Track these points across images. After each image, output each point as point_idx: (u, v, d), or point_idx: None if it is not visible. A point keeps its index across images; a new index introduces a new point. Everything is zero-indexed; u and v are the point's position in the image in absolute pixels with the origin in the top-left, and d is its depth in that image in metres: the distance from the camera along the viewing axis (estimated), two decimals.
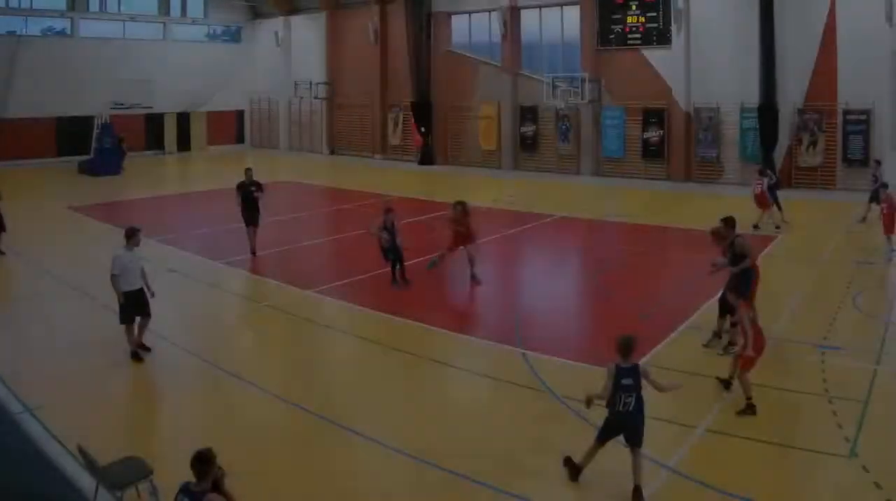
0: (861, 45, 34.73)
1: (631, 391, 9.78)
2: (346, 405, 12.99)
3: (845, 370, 13.44)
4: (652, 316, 17.32)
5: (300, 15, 59.15)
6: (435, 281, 21.00)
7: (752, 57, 37.25)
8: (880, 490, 9.49)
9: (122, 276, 14.76)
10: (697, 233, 25.56)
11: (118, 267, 14.75)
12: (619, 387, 9.79)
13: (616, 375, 9.82)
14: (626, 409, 9.78)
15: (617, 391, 9.80)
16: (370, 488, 10.41)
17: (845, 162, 36.03)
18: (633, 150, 42.58)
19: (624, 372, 9.84)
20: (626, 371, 9.85)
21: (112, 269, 14.78)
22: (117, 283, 14.76)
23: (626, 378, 9.79)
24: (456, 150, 50.48)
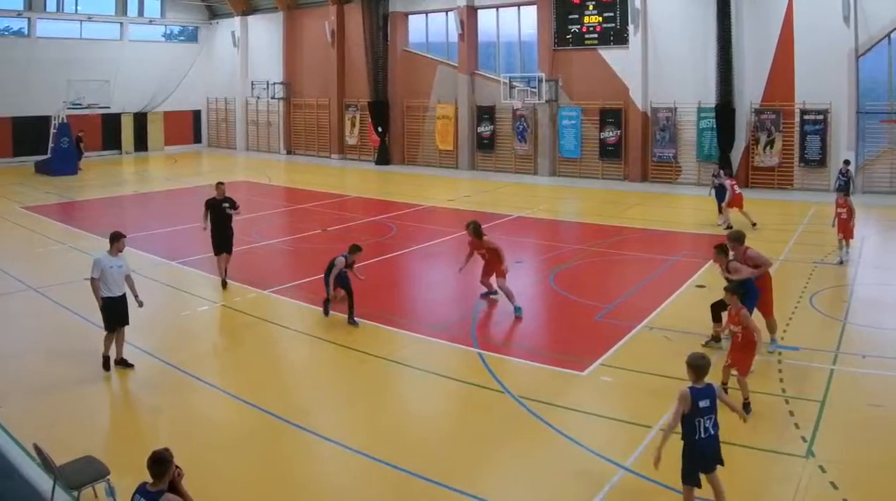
0: (818, 45, 33.64)
1: (710, 413, 8.73)
2: (302, 405, 12.71)
3: (802, 370, 13.12)
4: (608, 317, 16.94)
5: (257, 15, 57.18)
6: (393, 281, 20.63)
7: (709, 57, 36.20)
8: (836, 490, 9.22)
9: (101, 281, 13.86)
10: (654, 233, 26.28)
11: (97, 271, 13.86)
12: (696, 412, 8.66)
13: (692, 398, 8.67)
14: (707, 434, 8.71)
15: (695, 416, 8.66)
16: (327, 488, 10.19)
17: (802, 162, 34.87)
18: (590, 150, 41.22)
19: (700, 393, 8.73)
20: (702, 392, 8.76)
21: (91, 273, 13.92)
22: (96, 288, 13.87)
23: (704, 399, 8.70)
24: (413, 150, 48.85)
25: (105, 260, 14.03)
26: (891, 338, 15.23)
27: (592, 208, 32.55)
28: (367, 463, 10.53)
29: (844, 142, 33.51)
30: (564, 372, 13.67)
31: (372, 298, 18.10)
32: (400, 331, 16.18)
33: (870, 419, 11.41)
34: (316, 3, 53.03)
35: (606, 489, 9.65)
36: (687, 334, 15.42)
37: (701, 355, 8.97)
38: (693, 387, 8.73)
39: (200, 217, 20.20)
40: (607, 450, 10.52)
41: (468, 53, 45.07)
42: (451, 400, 13.10)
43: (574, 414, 11.96)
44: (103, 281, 13.87)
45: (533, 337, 16.27)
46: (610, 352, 14.39)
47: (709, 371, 8.86)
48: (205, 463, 10.18)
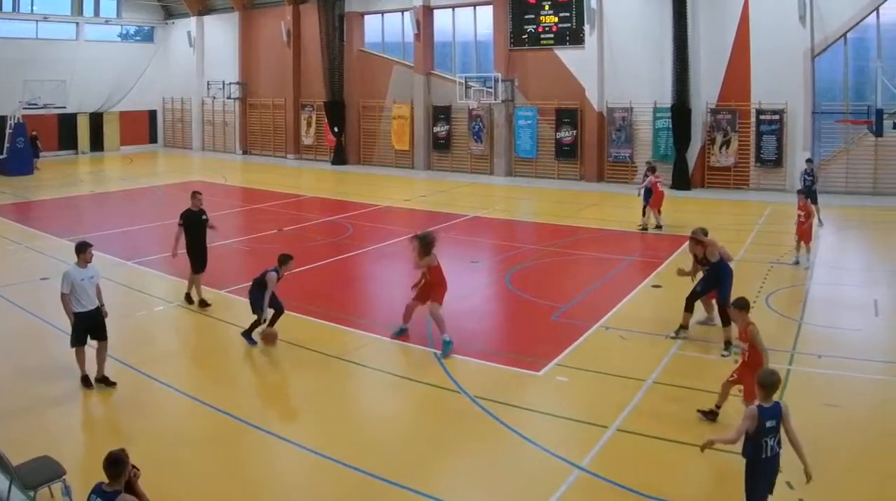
0: (774, 45, 32.47)
1: (775, 433, 8.03)
2: (259, 405, 12.42)
3: None
4: (564, 317, 16.44)
5: (213, 15, 54.83)
6: (349, 281, 20.19)
7: (665, 57, 34.82)
8: (793, 490, 8.97)
9: (72, 295, 12.64)
10: (610, 233, 25.53)
11: (67, 286, 12.60)
12: (762, 431, 7.94)
13: (760, 418, 7.92)
14: (772, 453, 8.04)
15: (761, 436, 7.95)
16: (284, 488, 9.84)
17: (758, 162, 33.63)
18: (546, 150, 39.71)
19: (768, 413, 7.97)
20: (770, 411, 8.00)
21: (61, 288, 12.65)
22: (67, 303, 12.64)
23: (771, 419, 7.98)
24: (369, 150, 47.01)
25: (75, 272, 12.73)
26: (847, 338, 14.75)
27: (548, 208, 31.54)
28: (323, 463, 10.21)
29: (800, 142, 32.36)
30: (520, 372, 13.26)
31: (328, 298, 17.65)
32: (356, 331, 15.59)
33: (826, 419, 11.08)
34: (272, 3, 51.03)
35: (563, 488, 9.35)
36: (643, 334, 15.02)
37: (771, 372, 8.27)
38: (761, 406, 7.98)
39: (174, 236, 17.26)
40: (563, 450, 10.23)
41: (424, 53, 43.39)
42: (408, 400, 12.71)
43: (530, 414, 11.62)
44: (74, 295, 12.65)
45: (489, 337, 15.71)
46: (566, 352, 13.98)
47: (779, 388, 8.28)
48: (162, 464, 9.85)
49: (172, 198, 34.48)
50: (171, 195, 35.32)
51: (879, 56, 30.46)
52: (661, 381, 12.66)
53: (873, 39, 31.64)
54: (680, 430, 10.76)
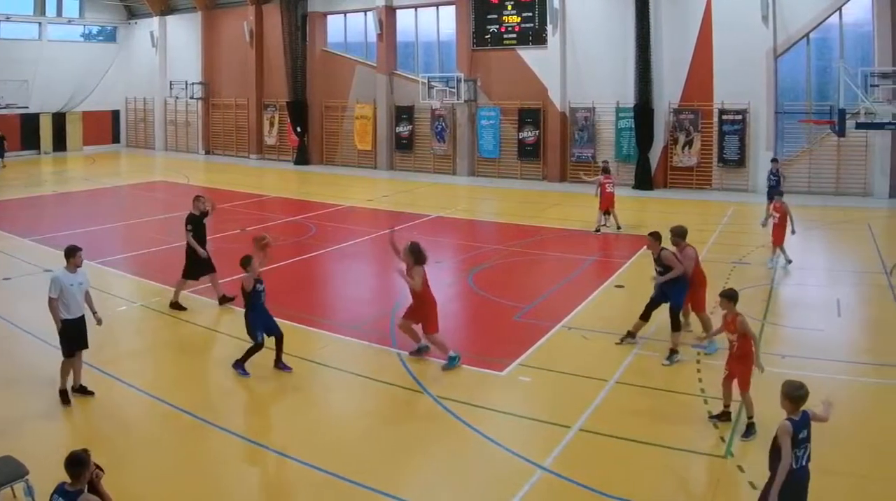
0: (737, 45, 31.29)
1: (807, 443, 7.53)
2: (223, 405, 11.91)
3: (721, 370, 11.46)
4: (527, 317, 15.93)
5: (175, 15, 52.73)
6: (312, 281, 19.70)
7: (628, 57, 33.57)
8: (755, 490, 8.51)
9: (60, 301, 11.62)
10: (572, 233, 24.74)
11: (55, 290, 11.58)
12: (796, 443, 7.38)
13: (794, 431, 7.38)
14: (801, 463, 7.49)
15: (794, 446, 7.36)
16: (247, 488, 9.57)
17: (721, 162, 32.41)
18: (509, 150, 38.28)
19: (799, 425, 7.47)
20: (801, 423, 7.50)
21: (49, 292, 11.61)
22: (55, 309, 11.59)
23: (803, 430, 7.48)
24: (332, 150, 45.24)
25: (64, 277, 11.71)
26: (810, 338, 14.33)
27: (511, 208, 30.52)
28: (286, 463, 9.93)
29: (763, 142, 31.22)
30: (483, 372, 12.85)
31: (291, 298, 16.91)
32: (319, 331, 15.13)
33: None
34: (234, 3, 48.99)
35: (525, 488, 9.09)
36: (605, 334, 14.53)
37: (799, 385, 7.59)
38: (791, 419, 7.45)
39: (189, 240, 16.52)
40: (526, 450, 9.95)
41: (387, 53, 41.76)
42: (370, 401, 12.28)
43: (493, 414, 11.25)
44: (62, 301, 11.63)
45: (452, 337, 14.49)
46: (528, 352, 13.58)
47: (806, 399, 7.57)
48: (124, 463, 9.62)
49: (135, 198, 33.98)
50: (134, 195, 34.69)
51: (842, 56, 29.33)
52: (623, 381, 12.28)
53: (836, 40, 30.62)
54: (642, 430, 10.49)
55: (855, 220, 26.09)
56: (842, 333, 14.91)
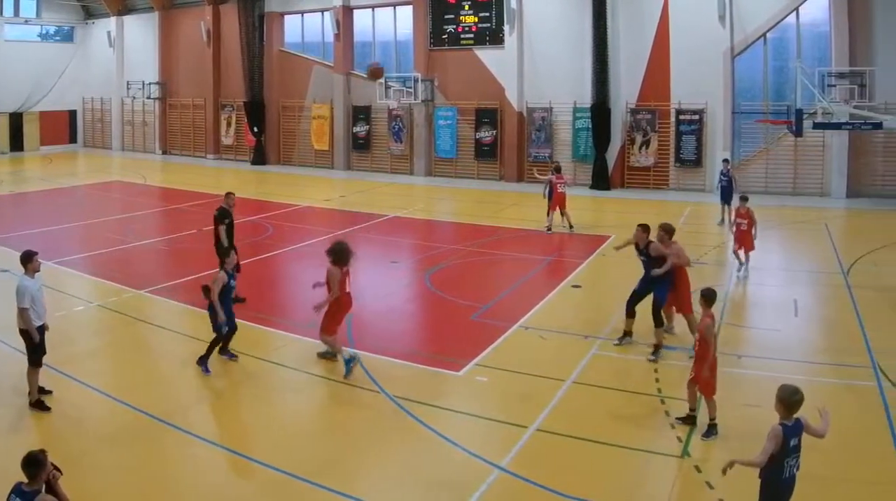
0: (694, 45, 29.78)
1: (798, 452, 6.95)
2: (179, 405, 11.29)
3: (679, 370, 11.75)
4: (484, 317, 15.24)
5: (133, 15, 49.89)
6: (269, 281, 18.68)
7: (585, 57, 31.87)
8: (712, 490, 8.45)
9: (32, 309, 10.76)
10: (529, 233, 23.74)
11: (27, 299, 10.69)
12: (786, 452, 6.82)
13: (784, 438, 6.80)
14: (790, 474, 6.93)
15: (784, 456, 6.82)
16: (204, 487, 9.00)
17: (678, 162, 30.86)
18: (466, 150, 36.39)
19: (792, 431, 6.88)
20: (793, 429, 6.91)
21: (21, 302, 10.71)
22: (29, 318, 10.70)
23: (794, 437, 6.89)
24: (289, 150, 42.98)
25: (30, 284, 10.84)
26: (766, 338, 13.78)
27: (468, 208, 29.00)
28: (243, 463, 9.52)
29: (720, 142, 29.72)
30: (440, 372, 12.37)
31: (248, 298, 15.89)
32: (276, 331, 14.47)
33: (746, 419, 10.22)
34: (191, 3, 46.46)
35: (482, 488, 8.72)
36: (562, 334, 13.97)
37: (794, 390, 7.00)
38: (784, 424, 6.91)
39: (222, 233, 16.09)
40: (483, 450, 9.56)
41: (344, 53, 39.63)
42: (328, 400, 11.83)
43: (450, 414, 10.84)
44: (33, 308, 10.77)
45: (409, 337, 14.68)
46: (485, 352, 13.03)
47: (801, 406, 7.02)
48: (81, 463, 9.19)
49: (92, 198, 31.92)
50: (91, 195, 32.70)
51: (799, 56, 27.98)
52: (580, 381, 11.77)
53: (793, 39, 29.24)
54: (600, 430, 10.10)
55: (812, 220, 25.13)
56: (799, 333, 14.23)
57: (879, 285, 17.09)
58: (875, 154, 28.09)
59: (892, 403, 10.68)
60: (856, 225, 25.00)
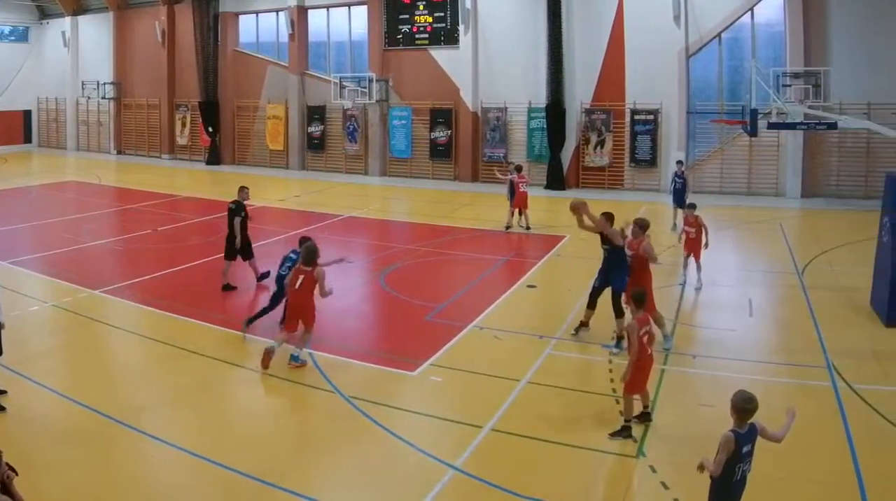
0: (649, 45, 27.96)
1: (749, 458, 6.43)
2: (133, 404, 10.50)
3: None
4: (439, 317, 14.46)
5: (87, 15, 46.79)
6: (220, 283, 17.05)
7: (540, 57, 29.92)
8: (667, 490, 7.91)
9: None
10: (484, 233, 22.51)
11: None
12: (737, 458, 6.31)
13: (736, 444, 6.29)
14: (741, 477, 6.42)
15: (735, 462, 6.32)
16: (158, 487, 8.42)
17: (633, 162, 29.03)
18: (421, 150, 34.21)
19: (744, 438, 6.36)
20: (746, 436, 6.38)
21: None
22: None
23: (747, 444, 6.37)
24: (243, 150, 40.33)
25: None
26: (720, 338, 13.04)
27: (423, 208, 27.31)
28: (197, 463, 8.83)
29: (675, 142, 27.95)
30: (395, 372, 11.73)
31: (203, 298, 15.56)
32: (230, 331, 13.44)
33: (700, 419, 9.75)
34: (146, 3, 43.54)
35: (437, 488, 8.17)
36: (517, 334, 13.23)
37: (749, 397, 6.45)
38: (736, 431, 6.38)
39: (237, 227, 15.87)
40: (438, 450, 9.00)
41: (298, 53, 37.23)
42: (282, 400, 11.18)
43: (405, 414, 10.25)
44: None
45: (364, 337, 13.85)
46: (440, 352, 12.34)
47: (755, 412, 6.43)
48: (36, 464, 8.53)
49: (46, 198, 29.91)
50: (45, 195, 30.56)
51: (754, 56, 26.29)
52: (535, 381, 11.11)
53: (748, 39, 27.55)
54: (554, 430, 9.59)
55: (767, 220, 23.72)
56: (754, 333, 13.46)
57: (834, 285, 16.10)
58: (830, 154, 26.58)
59: (847, 403, 10.12)
60: (811, 225, 23.52)
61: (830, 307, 14.49)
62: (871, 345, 12.36)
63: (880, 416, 9.72)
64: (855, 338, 12.75)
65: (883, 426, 9.50)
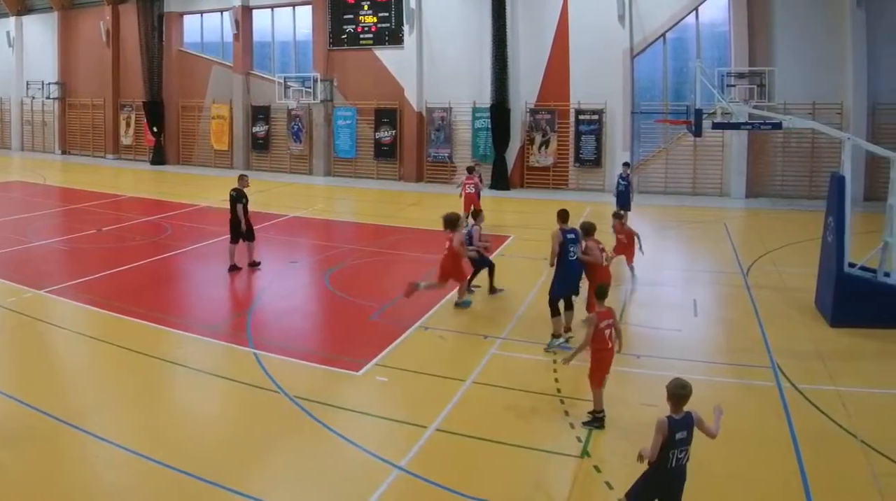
0: (594, 45, 25.68)
1: (685, 446, 6.11)
2: (79, 405, 9.64)
3: (577, 370, 9.82)
4: (384, 317, 13.42)
5: (32, 15, 42.87)
6: (168, 281, 16.31)
7: (484, 56, 27.40)
8: (612, 489, 7.37)
9: None
10: (429, 233, 20.27)
11: None
12: (672, 443, 6.03)
13: (670, 429, 6.01)
14: (677, 464, 6.10)
15: (669, 448, 6.04)
16: (103, 488, 7.81)
17: (578, 162, 26.76)
18: (366, 150, 31.39)
19: (678, 424, 6.06)
20: (681, 423, 6.07)
21: None
22: None
23: (681, 431, 6.06)
24: (188, 150, 36.99)
25: None
26: (664, 338, 12.14)
27: (368, 208, 25.24)
28: (143, 464, 8.10)
29: (619, 142, 25.74)
30: (340, 372, 10.80)
31: (147, 298, 14.42)
32: (175, 331, 12.52)
33: (644, 418, 8.38)
34: (91, 3, 39.79)
35: (382, 488, 7.51)
36: (462, 334, 12.35)
37: (683, 384, 6.15)
38: (671, 417, 6.08)
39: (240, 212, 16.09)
40: (383, 450, 8.27)
41: (243, 53, 34.06)
42: (227, 401, 10.07)
43: (350, 414, 9.28)
44: None
45: (308, 337, 12.90)
46: (385, 352, 11.43)
47: (689, 398, 6.16)
48: None
49: None
50: None
51: (699, 56, 24.25)
52: (480, 381, 10.32)
53: (692, 39, 25.46)
54: (499, 430, 8.80)
55: (712, 220, 21.96)
56: (699, 333, 12.60)
57: (779, 285, 14.95)
58: (774, 154, 24.64)
59: (791, 403, 9.47)
60: (755, 225, 21.77)
61: (775, 307, 13.50)
62: (815, 346, 11.46)
63: (824, 415, 9.06)
64: (799, 338, 11.82)
65: (827, 425, 8.86)
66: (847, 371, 10.50)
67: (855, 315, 11.96)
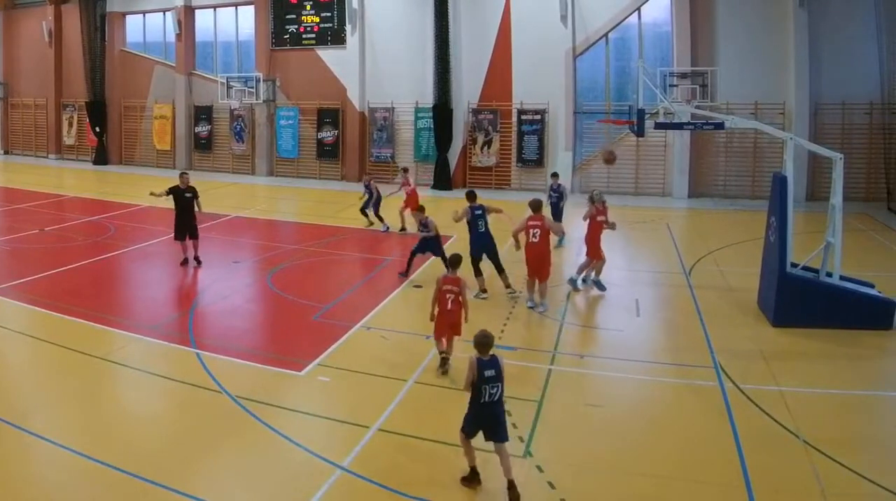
0: (536, 45, 22.38)
1: (496, 382, 6.35)
2: (20, 405, 8.54)
3: (520, 369, 9.09)
4: (326, 317, 11.61)
5: None
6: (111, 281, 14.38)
7: (427, 56, 23.86)
8: (554, 489, 6.60)
9: None
10: (372, 233, 18.76)
11: None
12: (481, 379, 6.30)
13: (478, 368, 6.32)
14: (489, 399, 6.36)
15: (480, 383, 6.31)
16: (44, 488, 6.78)
17: (520, 162, 23.54)
18: (308, 150, 27.48)
19: (486, 364, 6.35)
20: (488, 363, 6.37)
21: None
22: None
23: (489, 369, 6.35)
24: (130, 150, 32.25)
25: None
26: (609, 338, 10.76)
27: (310, 208, 22.25)
28: (84, 464, 7.11)
29: (562, 141, 22.52)
30: (282, 372, 9.37)
31: (89, 298, 12.63)
32: (117, 331, 10.78)
33: (587, 418, 8.04)
34: (33, 2, 34.45)
35: (324, 488, 6.64)
36: (404, 334, 10.70)
37: (485, 334, 6.49)
38: (480, 358, 6.39)
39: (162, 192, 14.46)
40: (325, 450, 7.30)
41: (185, 53, 29.66)
42: (169, 401, 8.81)
43: (292, 414, 8.25)
44: None
45: (251, 337, 11.02)
46: (327, 352, 9.93)
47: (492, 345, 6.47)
48: None
49: None
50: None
51: (641, 56, 21.26)
52: (422, 381, 8.92)
53: (635, 39, 22.34)
54: (441, 430, 7.61)
55: (654, 220, 19.43)
56: (641, 333, 11.23)
57: (721, 285, 13.48)
58: (717, 154, 21.78)
59: (734, 403, 8.37)
60: (698, 225, 19.15)
61: (717, 307, 12.19)
62: (757, 345, 10.24)
63: (767, 415, 8.05)
64: (742, 338, 10.60)
65: (769, 425, 7.87)
66: (789, 370, 9.32)
67: (797, 315, 10.71)
